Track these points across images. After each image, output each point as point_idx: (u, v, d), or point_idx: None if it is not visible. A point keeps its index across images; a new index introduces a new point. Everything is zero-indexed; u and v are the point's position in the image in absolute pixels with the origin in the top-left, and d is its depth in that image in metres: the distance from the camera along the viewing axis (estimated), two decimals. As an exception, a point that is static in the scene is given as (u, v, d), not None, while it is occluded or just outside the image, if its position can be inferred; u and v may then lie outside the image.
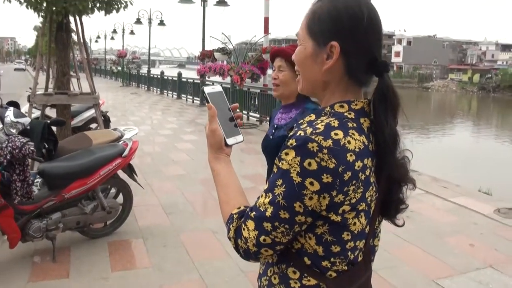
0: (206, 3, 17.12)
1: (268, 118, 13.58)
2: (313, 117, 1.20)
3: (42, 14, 6.70)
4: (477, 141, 27.39)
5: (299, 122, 1.21)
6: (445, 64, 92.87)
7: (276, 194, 1.13)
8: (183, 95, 21.87)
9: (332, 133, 1.11)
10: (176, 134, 11.67)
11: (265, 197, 1.16)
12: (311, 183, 1.09)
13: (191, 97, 20.75)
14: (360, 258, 1.24)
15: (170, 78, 24.26)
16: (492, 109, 54.43)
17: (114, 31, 38.08)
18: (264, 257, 1.21)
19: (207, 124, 1.37)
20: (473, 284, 3.91)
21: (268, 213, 1.14)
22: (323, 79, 1.23)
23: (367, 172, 1.15)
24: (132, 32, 34.41)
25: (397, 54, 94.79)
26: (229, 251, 4.41)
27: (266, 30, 14.08)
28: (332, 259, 1.19)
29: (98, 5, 6.60)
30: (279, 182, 1.13)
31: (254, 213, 1.17)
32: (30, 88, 7.05)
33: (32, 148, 3.59)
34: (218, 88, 1.47)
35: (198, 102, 19.34)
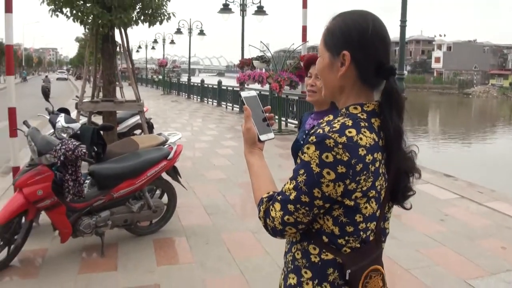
0: (245, 12, 17.41)
1: (306, 124, 13.74)
2: (331, 117, 1.42)
3: (88, 27, 7.05)
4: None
5: (320, 122, 1.43)
6: (486, 69, 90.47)
7: (298, 181, 1.36)
8: (223, 103, 22.24)
9: (347, 131, 1.33)
10: (216, 140, 11.93)
11: (290, 184, 1.39)
12: (328, 173, 1.31)
13: (230, 105, 21.08)
14: (371, 238, 1.44)
15: (210, 86, 24.71)
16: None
17: (155, 41, 38.94)
18: (288, 235, 1.44)
19: (243, 123, 1.62)
20: (502, 284, 3.98)
21: (291, 197, 1.37)
22: (339, 84, 1.47)
23: (377, 164, 1.36)
24: (172, 42, 35.15)
25: (437, 59, 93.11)
26: (268, 249, 4.61)
27: (304, 38, 14.19)
28: (346, 238, 1.40)
29: (142, 17, 6.90)
30: (302, 171, 1.36)
31: (280, 196, 1.40)
32: (77, 96, 7.41)
33: (84, 150, 3.88)
34: (253, 93, 1.71)
35: (238, 109, 19.63)
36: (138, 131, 8.49)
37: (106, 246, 4.49)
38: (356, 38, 1.40)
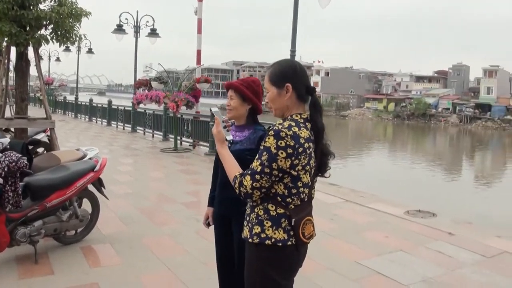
0: (138, 34, 17.78)
1: (200, 143, 14.38)
2: (281, 121, 2.33)
3: (4, 43, 7.22)
4: (392, 160, 29.62)
5: (275, 123, 2.31)
6: (362, 93, 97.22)
7: (262, 159, 2.23)
8: (113, 122, 22.18)
9: (292, 128, 2.24)
10: (114, 158, 12.14)
11: (256, 162, 2.25)
12: (282, 153, 2.20)
13: (121, 124, 21.09)
14: (306, 199, 2.38)
15: (99, 105, 24.49)
16: (406, 135, 58.16)
17: (40, 57, 37.22)
18: (255, 197, 2.28)
19: (215, 128, 2.47)
20: (387, 262, 5.04)
21: (258, 170, 2.23)
22: (286, 105, 2.42)
23: (310, 150, 2.29)
24: (58, 59, 33.93)
25: (316, 84, 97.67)
26: (187, 249, 5.22)
27: (198, 62, 14.97)
28: (292, 197, 2.30)
29: (55, 37, 7.20)
30: (264, 153, 2.23)
31: (250, 171, 2.25)
32: None
33: (26, 162, 4.26)
34: (217, 108, 2.68)
35: (130, 128, 19.75)
36: (41, 149, 8.60)
37: (38, 254, 4.76)
38: (291, 74, 2.35)
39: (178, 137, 14.59)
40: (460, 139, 57.95)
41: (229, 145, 3.34)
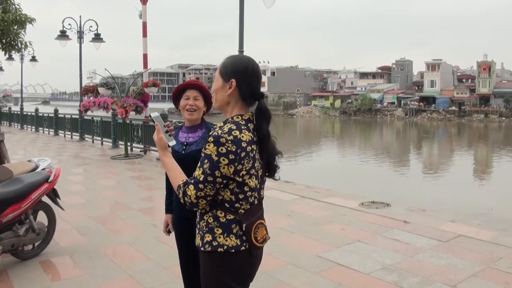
0: (82, 39, 17.44)
1: (151, 148, 14.20)
2: (221, 124, 2.23)
3: None
4: (343, 155, 30.26)
5: (214, 127, 2.22)
6: (308, 92, 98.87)
7: (204, 168, 2.11)
8: (60, 132, 21.65)
9: (233, 132, 2.11)
10: (65, 168, 11.82)
11: (199, 171, 2.14)
12: (223, 160, 2.09)
13: (69, 133, 20.62)
14: (256, 202, 2.29)
15: (46, 114, 23.85)
16: (354, 130, 59.46)
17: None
18: (201, 206, 2.18)
19: (155, 134, 2.37)
20: (346, 253, 5.18)
21: (201, 179, 2.12)
22: (227, 100, 2.26)
23: (254, 152, 2.18)
24: (1, 69, 32.59)
25: (263, 84, 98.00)
26: (148, 255, 5.19)
27: (145, 65, 14.80)
28: (240, 202, 2.20)
29: (0, 45, 7.00)
30: (206, 161, 2.12)
31: (193, 180, 2.14)
32: None
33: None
34: (157, 113, 2.54)
35: (78, 137, 19.34)
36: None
37: (-5, 272, 4.66)
38: (240, 71, 2.25)
39: (129, 143, 14.38)
40: (406, 131, 59.82)
41: (184, 147, 3.31)
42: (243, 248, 2.21)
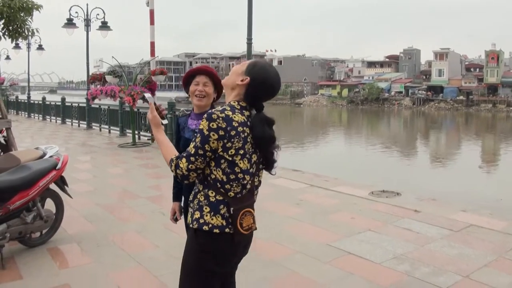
0: (89, 28, 17.36)
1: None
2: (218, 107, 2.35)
3: None
4: (351, 144, 30.19)
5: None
6: (315, 81, 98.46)
7: (196, 141, 2.27)
8: (67, 120, 21.66)
9: (225, 111, 2.27)
10: (72, 156, 11.82)
11: (192, 144, 2.29)
12: (213, 134, 2.23)
13: (76, 121, 20.62)
14: (249, 187, 2.37)
15: (53, 103, 23.87)
16: (361, 119, 59.32)
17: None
18: (191, 179, 2.33)
19: (149, 113, 2.54)
20: (356, 242, 5.12)
21: (192, 152, 2.27)
22: (235, 85, 2.39)
23: (245, 134, 2.29)
24: (8, 58, 32.45)
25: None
26: (157, 244, 5.15)
27: (152, 53, 14.71)
28: (231, 183, 2.31)
29: (6, 32, 6.95)
30: (198, 135, 2.27)
31: (185, 154, 2.30)
32: None
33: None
34: (149, 94, 2.72)
35: (85, 125, 19.34)
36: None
37: (3, 259, 4.60)
38: (260, 80, 2.35)
39: (136, 132, 14.35)
40: (414, 121, 59.54)
41: (194, 134, 3.27)
42: (227, 230, 2.31)
